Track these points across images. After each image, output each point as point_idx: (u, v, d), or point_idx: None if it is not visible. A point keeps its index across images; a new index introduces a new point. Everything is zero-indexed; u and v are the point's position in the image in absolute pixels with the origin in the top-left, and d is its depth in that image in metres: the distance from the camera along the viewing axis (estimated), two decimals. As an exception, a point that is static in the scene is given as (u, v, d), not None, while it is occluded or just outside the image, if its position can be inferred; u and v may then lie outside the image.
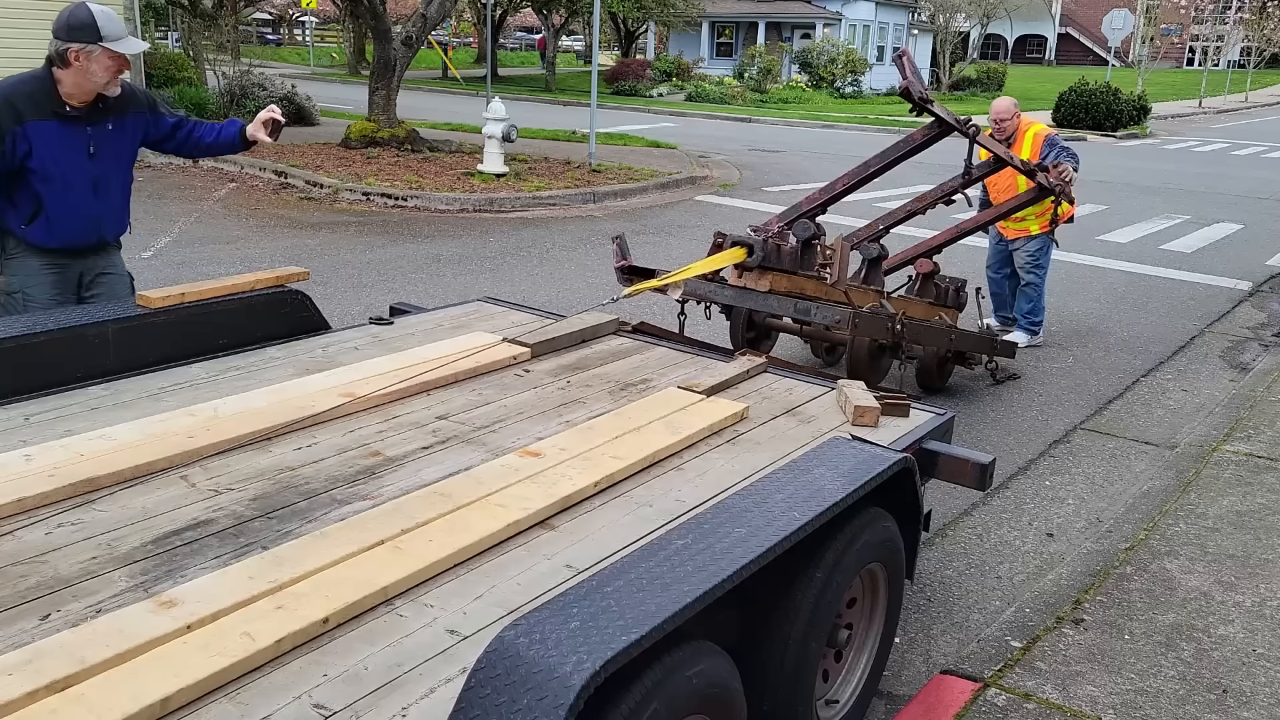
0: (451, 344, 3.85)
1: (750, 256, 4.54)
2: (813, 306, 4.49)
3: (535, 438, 3.06)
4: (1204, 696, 3.16)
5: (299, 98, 18.29)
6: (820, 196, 5.37)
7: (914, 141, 5.36)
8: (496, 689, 1.63)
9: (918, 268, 6.16)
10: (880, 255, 5.51)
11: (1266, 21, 42.49)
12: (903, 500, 2.86)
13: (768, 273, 4.58)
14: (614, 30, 38.56)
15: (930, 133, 5.30)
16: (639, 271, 5.02)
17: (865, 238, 5.80)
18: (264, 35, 51.18)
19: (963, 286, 6.19)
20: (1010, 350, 6.36)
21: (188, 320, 3.68)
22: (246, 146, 4.00)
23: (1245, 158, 22.45)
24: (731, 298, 4.77)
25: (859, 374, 4.93)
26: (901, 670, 3.37)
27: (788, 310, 4.61)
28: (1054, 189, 6.13)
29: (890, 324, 4.86)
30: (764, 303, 4.65)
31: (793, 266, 4.65)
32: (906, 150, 5.38)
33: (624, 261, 5.07)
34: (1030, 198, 6.35)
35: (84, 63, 3.49)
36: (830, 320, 4.53)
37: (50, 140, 3.57)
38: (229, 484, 2.68)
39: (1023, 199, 6.40)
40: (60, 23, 3.49)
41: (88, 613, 2.06)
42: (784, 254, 4.63)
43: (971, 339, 5.93)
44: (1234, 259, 10.86)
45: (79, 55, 3.48)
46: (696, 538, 2.14)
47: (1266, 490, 4.76)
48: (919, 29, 40.89)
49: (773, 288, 4.58)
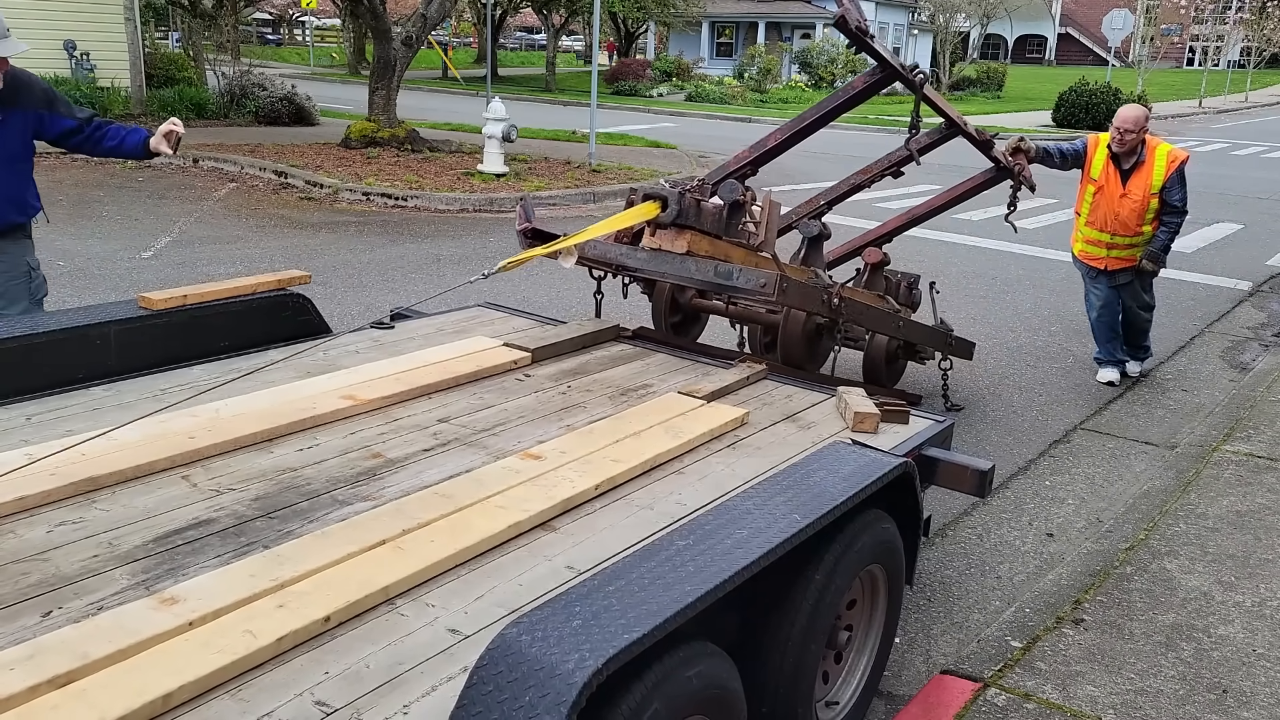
0: (452, 348, 3.87)
1: (664, 212, 3.85)
2: (735, 269, 3.76)
3: (536, 441, 3.07)
4: (1204, 696, 3.16)
5: (299, 98, 18.31)
6: (749, 154, 4.74)
7: (853, 89, 4.68)
8: (499, 686, 1.64)
9: (866, 258, 5.50)
10: (821, 234, 4.88)
11: (1266, 21, 42.48)
12: (903, 506, 2.87)
13: (685, 232, 3.89)
14: (614, 30, 38.57)
15: (872, 78, 4.62)
16: (543, 237, 4.35)
17: (805, 214, 5.24)
18: (264, 35, 51.18)
19: (915, 282, 5.63)
20: (967, 350, 5.82)
21: (189, 322, 3.68)
22: (148, 156, 4.08)
23: (1245, 158, 22.46)
24: (644, 261, 3.99)
25: (791, 357, 4.50)
26: (901, 670, 3.37)
27: (707, 274, 3.82)
28: (1013, 170, 5.54)
29: (825, 296, 4.08)
30: (680, 266, 3.86)
31: (716, 229, 3.98)
32: (845, 99, 4.71)
33: (527, 224, 4.41)
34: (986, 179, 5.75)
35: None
36: (754, 284, 3.68)
37: None
38: (230, 484, 2.68)
39: (977, 181, 5.76)
40: None
41: (89, 610, 2.06)
42: (705, 213, 3.95)
43: (923, 331, 5.27)
44: (1234, 259, 10.87)
45: None
46: (698, 538, 2.14)
47: (1266, 490, 4.76)
48: (919, 29, 40.92)
49: (691, 249, 3.87)
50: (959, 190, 5.77)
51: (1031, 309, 8.39)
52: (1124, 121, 5.94)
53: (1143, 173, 5.98)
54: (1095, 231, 6.22)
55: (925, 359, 5.68)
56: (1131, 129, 5.92)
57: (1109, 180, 6.07)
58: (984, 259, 10.33)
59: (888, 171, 5.33)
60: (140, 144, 4.04)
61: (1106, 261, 6.23)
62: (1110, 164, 6.06)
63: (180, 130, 4.03)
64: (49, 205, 4.49)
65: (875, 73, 4.56)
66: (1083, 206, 6.29)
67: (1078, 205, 6.37)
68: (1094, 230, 6.22)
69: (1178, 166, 5.95)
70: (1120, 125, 5.94)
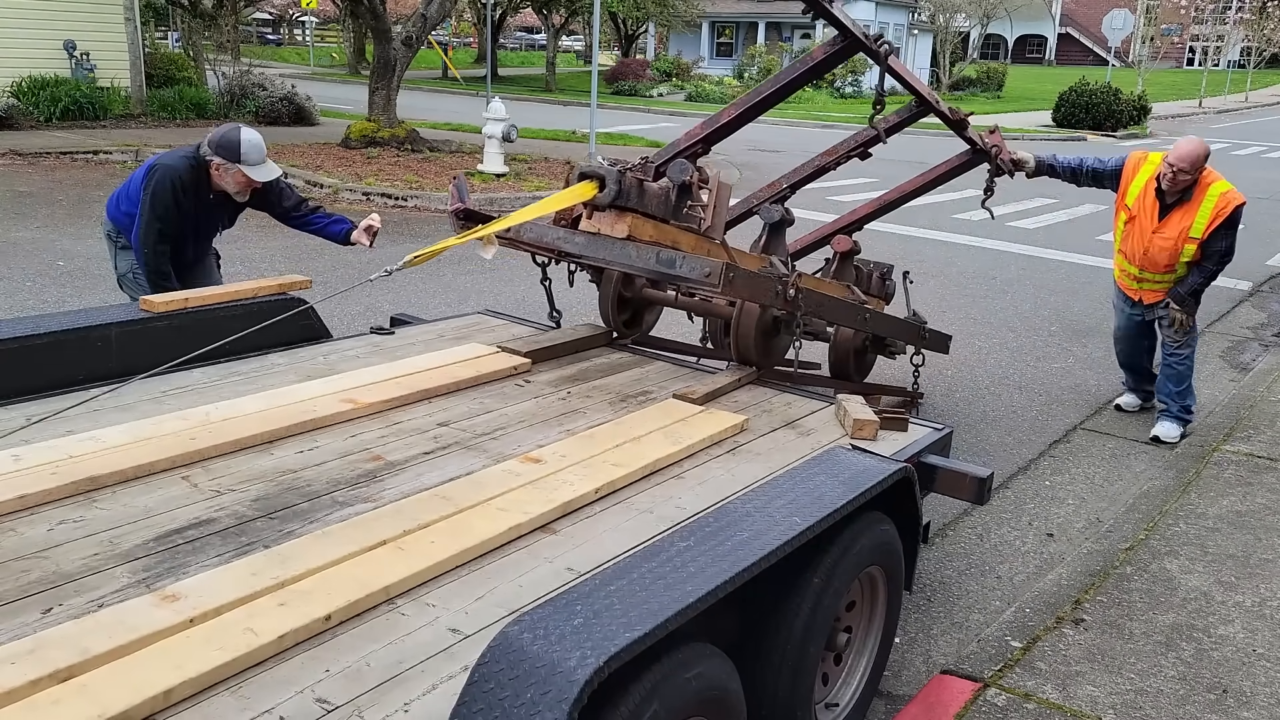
0: (452, 353, 3.89)
1: (602, 192, 3.47)
2: (678, 257, 3.40)
3: (536, 445, 3.08)
4: (1204, 696, 3.17)
5: (299, 98, 18.31)
6: (701, 131, 4.34)
7: (812, 60, 4.27)
8: (500, 684, 1.64)
9: (835, 245, 5.02)
10: (784, 220, 4.43)
11: (1266, 21, 42.51)
12: (902, 511, 2.88)
13: (626, 214, 3.52)
14: (614, 30, 38.59)
15: (833, 47, 4.23)
16: (478, 218, 4.03)
17: (766, 199, 4.86)
18: (264, 35, 51.19)
19: (889, 273, 5.20)
20: (942, 343, 5.38)
21: (190, 325, 3.69)
22: (348, 243, 4.67)
23: (1245, 158, 22.46)
24: (582, 246, 3.63)
25: (746, 354, 4.09)
26: (901, 670, 3.38)
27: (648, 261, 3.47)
28: (989, 152, 5.00)
29: (780, 287, 3.65)
30: (621, 252, 3.51)
31: (662, 212, 3.64)
32: (803, 71, 4.31)
33: (460, 205, 4.08)
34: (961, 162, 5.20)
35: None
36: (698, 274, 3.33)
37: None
38: (231, 485, 2.69)
39: (952, 164, 5.20)
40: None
41: (90, 606, 2.07)
42: (649, 195, 3.58)
43: (891, 323, 4.82)
44: (1234, 259, 10.85)
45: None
46: (699, 539, 2.15)
47: (1266, 490, 4.76)
48: (919, 29, 40.92)
49: (633, 234, 3.51)
50: (933, 174, 5.31)
51: (1031, 309, 8.39)
52: (1180, 160, 5.10)
53: (1186, 211, 5.24)
54: (1125, 262, 5.67)
55: (896, 354, 5.29)
56: (1187, 170, 5.11)
57: (1144, 212, 5.39)
58: (984, 259, 10.33)
59: (855, 152, 4.89)
60: (343, 234, 4.56)
61: (1140, 294, 5.66)
62: (1152, 193, 5.34)
63: (378, 226, 4.55)
64: (49, 205, 4.51)
65: (836, 42, 4.18)
66: (1116, 233, 5.70)
67: (1113, 228, 5.79)
68: (1125, 260, 5.66)
69: (1229, 214, 5.21)
70: (1175, 163, 5.11)
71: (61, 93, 15.40)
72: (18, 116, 14.91)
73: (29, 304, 6.90)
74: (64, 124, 15.20)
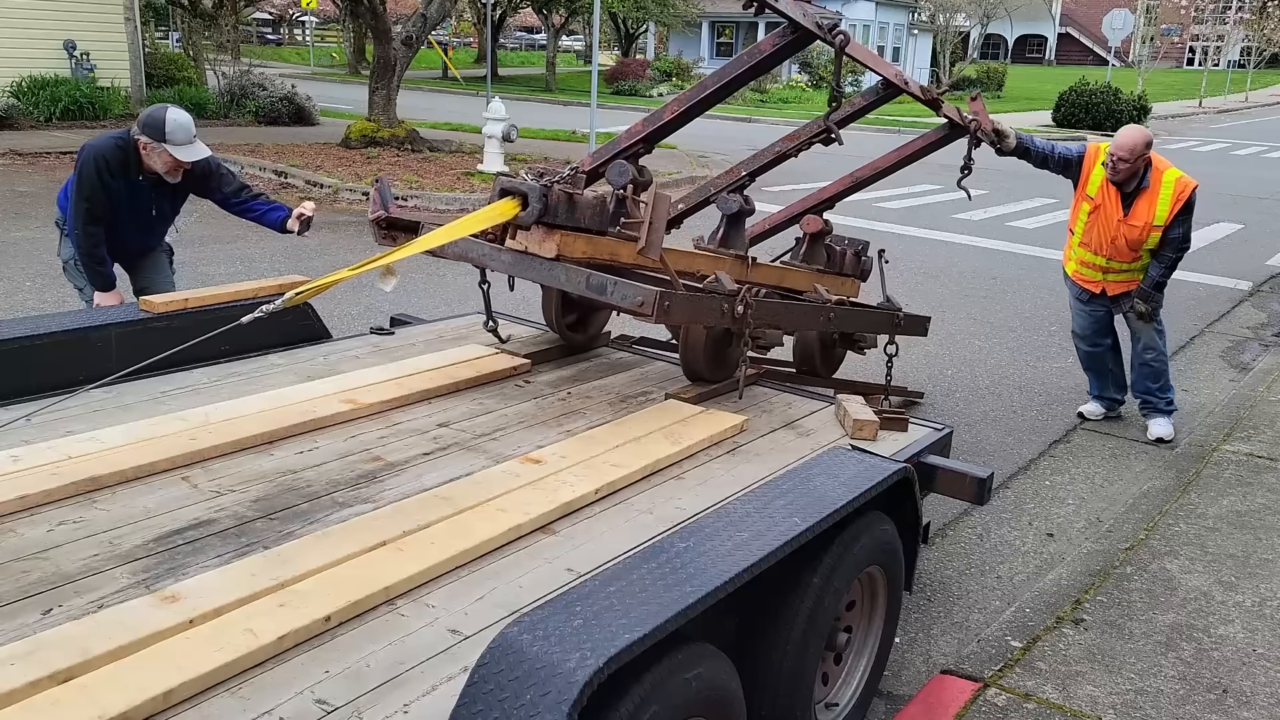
0: (452, 354, 3.90)
1: (524, 211, 3.16)
2: (609, 282, 3.12)
3: (536, 446, 3.08)
4: (1204, 696, 3.17)
5: (299, 97, 18.31)
6: (643, 129, 3.95)
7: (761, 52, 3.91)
8: (500, 684, 1.64)
9: (804, 226, 4.75)
10: (743, 210, 4.14)
11: (1266, 21, 42.52)
12: (902, 511, 2.88)
13: (555, 232, 3.24)
14: (614, 30, 38.58)
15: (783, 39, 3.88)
16: (400, 225, 3.80)
17: (724, 187, 4.56)
18: (264, 35, 51.19)
19: (864, 249, 4.85)
20: (920, 326, 4.98)
21: (190, 326, 3.69)
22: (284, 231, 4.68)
23: (1245, 158, 22.47)
24: (508, 265, 3.34)
25: (696, 372, 3.83)
26: (901, 670, 3.37)
27: (578, 285, 3.19)
28: (968, 126, 4.65)
29: (726, 306, 3.34)
30: (549, 274, 3.24)
31: (598, 224, 3.35)
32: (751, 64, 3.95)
33: (381, 213, 3.79)
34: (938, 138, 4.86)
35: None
36: (631, 302, 3.08)
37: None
38: (231, 485, 2.69)
39: (929, 139, 4.85)
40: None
41: (90, 607, 2.07)
42: (581, 207, 3.29)
43: (861, 318, 4.46)
44: (1234, 259, 10.87)
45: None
46: (699, 540, 2.15)
47: (1266, 490, 4.76)
48: (919, 29, 40.93)
49: (562, 252, 3.23)
50: (907, 150, 4.98)
51: (1031, 309, 8.39)
52: (1119, 148, 5.15)
53: (1147, 199, 5.26)
54: (1089, 254, 5.55)
55: (865, 348, 4.95)
56: (1126, 158, 5.14)
57: (1108, 201, 5.36)
58: (984, 259, 10.33)
59: (817, 137, 4.49)
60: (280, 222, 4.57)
61: (1103, 285, 5.57)
62: (1110, 184, 5.35)
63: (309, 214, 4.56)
64: (49, 205, 4.53)
65: (786, 33, 3.87)
66: (1076, 224, 5.61)
67: (1071, 221, 5.70)
68: (1088, 252, 5.55)
69: (1187, 198, 5.24)
70: (1115, 152, 5.16)
71: (61, 93, 15.41)
72: (18, 116, 14.93)
73: (29, 304, 6.89)
74: (64, 124, 15.20)
